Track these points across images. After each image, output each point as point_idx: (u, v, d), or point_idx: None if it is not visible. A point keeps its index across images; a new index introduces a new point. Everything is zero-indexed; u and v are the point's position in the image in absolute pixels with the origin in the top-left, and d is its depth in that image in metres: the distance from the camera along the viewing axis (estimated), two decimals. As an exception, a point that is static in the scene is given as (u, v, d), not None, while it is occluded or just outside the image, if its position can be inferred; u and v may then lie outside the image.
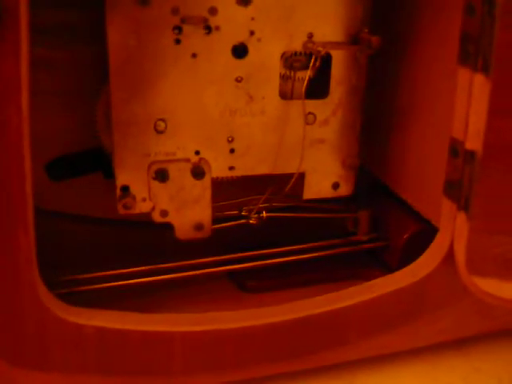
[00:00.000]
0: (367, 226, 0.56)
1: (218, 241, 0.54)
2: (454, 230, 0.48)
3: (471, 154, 0.46)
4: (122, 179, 0.48)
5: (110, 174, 0.50)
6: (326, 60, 0.50)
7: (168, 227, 0.51)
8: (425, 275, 0.50)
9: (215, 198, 0.51)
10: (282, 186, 0.52)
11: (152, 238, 0.55)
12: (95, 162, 0.52)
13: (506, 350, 0.57)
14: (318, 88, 0.51)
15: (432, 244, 0.51)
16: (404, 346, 0.54)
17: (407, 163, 0.56)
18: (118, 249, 0.55)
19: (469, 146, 0.46)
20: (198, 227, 0.51)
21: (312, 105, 0.51)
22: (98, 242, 0.55)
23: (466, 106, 0.46)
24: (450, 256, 0.50)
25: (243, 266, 0.55)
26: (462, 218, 0.48)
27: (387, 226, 0.57)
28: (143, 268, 0.52)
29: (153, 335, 0.46)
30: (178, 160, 0.49)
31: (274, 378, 0.51)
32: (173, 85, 0.47)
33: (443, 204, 0.50)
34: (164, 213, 0.50)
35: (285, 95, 0.50)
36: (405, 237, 0.55)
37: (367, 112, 0.55)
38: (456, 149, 0.48)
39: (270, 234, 0.56)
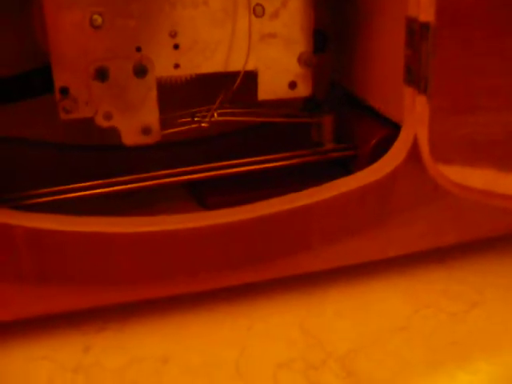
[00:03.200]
0: (331, 133, 0.53)
1: (175, 158, 0.52)
2: (416, 119, 0.45)
3: (426, 27, 0.43)
4: (60, 80, 0.46)
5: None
6: None
7: (122, 149, 0.49)
8: (389, 172, 0.46)
9: (168, 104, 0.49)
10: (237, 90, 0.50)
11: (105, 161, 0.53)
12: (43, 81, 0.49)
13: (489, 260, 0.53)
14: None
15: (396, 140, 0.47)
16: (375, 254, 0.50)
17: (370, 65, 0.53)
18: (72, 172, 0.52)
19: (422, 18, 0.43)
20: (146, 131, 0.48)
21: (260, -5, 0.48)
22: (49, 166, 0.53)
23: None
24: (414, 150, 0.46)
25: (199, 176, 0.51)
26: (422, 101, 0.44)
27: (354, 134, 0.54)
28: (96, 182, 0.49)
29: (90, 237, 0.43)
30: (119, 57, 0.46)
31: (231, 289, 0.48)
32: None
33: (404, 94, 0.46)
34: (108, 115, 0.47)
35: (230, -15, 0.48)
36: (372, 142, 0.52)
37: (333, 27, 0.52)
38: (411, 27, 0.44)
39: (231, 148, 0.53)
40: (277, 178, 0.54)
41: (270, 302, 0.48)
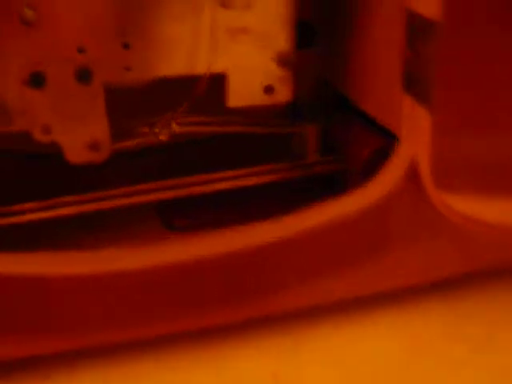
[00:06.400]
0: (316, 144, 0.45)
1: (137, 172, 0.45)
2: (415, 135, 0.37)
3: (428, 25, 0.35)
4: (-14, 87, 0.38)
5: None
6: None
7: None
8: (383, 195, 0.39)
9: (118, 110, 0.41)
10: (204, 96, 0.42)
11: (56, 172, 0.46)
12: None
13: (496, 295, 0.46)
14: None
15: (391, 156, 0.40)
16: (365, 289, 0.42)
17: (363, 67, 0.45)
18: (17, 183, 0.45)
19: (425, 14, 0.35)
20: (93, 147, 0.40)
21: (228, -17, 0.40)
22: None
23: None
24: (413, 170, 0.38)
25: (164, 195, 0.44)
26: (422, 114, 0.36)
27: (343, 143, 0.46)
28: (46, 203, 0.42)
29: (21, 279, 0.36)
30: (57, 60, 0.39)
31: (193, 334, 0.41)
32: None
33: (403, 103, 0.39)
34: (46, 129, 0.39)
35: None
36: (364, 155, 0.44)
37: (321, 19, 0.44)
38: (413, 24, 0.36)
39: (198, 161, 0.46)
40: (252, 195, 0.46)
41: (239, 347, 0.41)
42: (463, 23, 0.34)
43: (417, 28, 0.36)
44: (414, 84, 0.37)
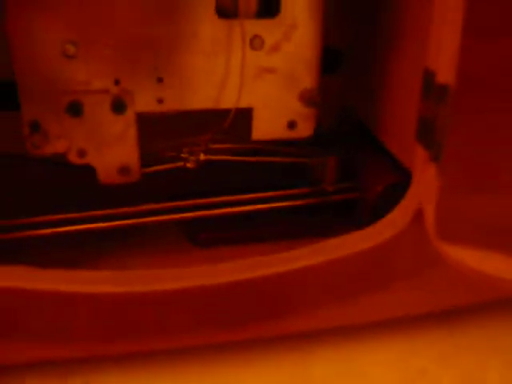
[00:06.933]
0: (334, 175, 0.47)
1: (161, 188, 0.47)
2: (424, 188, 0.39)
3: (444, 89, 0.36)
4: (28, 113, 0.41)
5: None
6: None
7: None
8: (389, 238, 0.41)
9: (148, 135, 0.44)
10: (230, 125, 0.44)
11: (83, 181, 0.49)
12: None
13: (494, 322, 0.48)
14: (266, 4, 0.42)
15: (402, 201, 0.42)
16: (370, 316, 0.45)
17: (386, 102, 0.47)
18: (45, 191, 0.48)
19: (441, 78, 0.36)
20: (124, 170, 0.43)
21: (259, 25, 0.42)
22: (21, 183, 0.48)
23: (439, 27, 0.36)
24: (419, 218, 0.40)
25: (193, 214, 0.47)
26: (432, 171, 0.38)
27: (360, 172, 0.48)
28: (74, 215, 0.46)
29: (48, 296, 0.39)
30: (94, 91, 0.41)
31: (212, 348, 0.44)
32: (82, -1, 0.39)
33: (415, 152, 0.40)
34: (82, 153, 0.42)
35: (225, 13, 0.41)
36: (378, 189, 0.46)
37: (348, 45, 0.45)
38: (429, 83, 0.38)
39: (224, 182, 0.49)
40: (271, 214, 0.49)
41: (248, 367, 0.45)
42: (478, 89, 0.35)
43: (432, 88, 0.37)
44: (427, 140, 0.38)
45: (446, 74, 0.36)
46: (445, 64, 0.36)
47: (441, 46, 0.36)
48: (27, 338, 0.40)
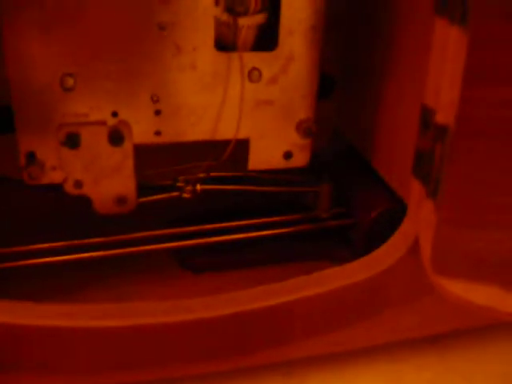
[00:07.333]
0: (328, 202, 0.48)
1: (153, 214, 0.47)
2: (420, 222, 0.40)
3: (443, 129, 0.37)
4: (25, 145, 0.41)
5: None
6: (274, 3, 0.41)
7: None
8: (384, 269, 0.42)
9: (144, 164, 0.44)
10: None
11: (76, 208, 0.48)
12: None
13: (483, 346, 0.49)
14: (264, 38, 0.42)
15: (396, 232, 0.43)
16: (362, 342, 0.46)
17: (381, 130, 0.47)
18: (35, 217, 0.48)
19: (440, 118, 0.37)
20: (120, 200, 0.43)
21: (257, 58, 0.42)
22: (12, 209, 0.48)
23: (440, 65, 0.37)
24: (415, 249, 0.41)
25: (186, 243, 0.47)
26: (429, 206, 0.39)
27: (355, 201, 0.49)
28: (66, 243, 0.45)
29: (46, 331, 0.39)
30: (92, 123, 0.41)
31: (204, 378, 0.45)
32: (81, 32, 0.39)
33: (411, 186, 0.41)
34: (78, 184, 0.42)
35: (224, 46, 0.41)
36: (372, 215, 0.47)
37: (341, 70, 0.46)
38: (427, 120, 0.39)
39: (217, 208, 0.49)
40: (264, 240, 0.49)
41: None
42: (478, 131, 0.36)
43: (430, 126, 0.38)
44: (424, 175, 0.39)
45: (445, 114, 0.36)
46: (445, 104, 0.36)
47: (440, 85, 0.36)
48: (24, 372, 0.40)
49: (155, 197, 0.44)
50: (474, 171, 0.37)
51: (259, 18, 0.41)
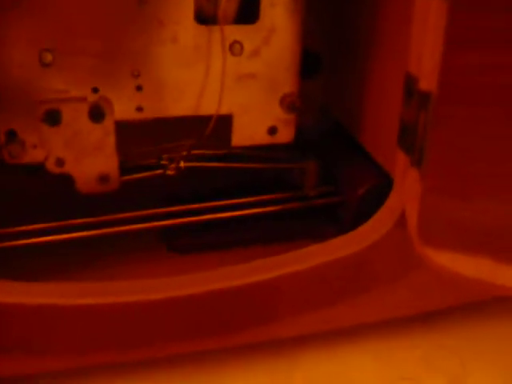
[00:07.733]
0: (315, 180, 0.47)
1: (141, 192, 0.47)
2: (406, 193, 0.40)
3: (426, 96, 0.36)
4: (4, 122, 0.40)
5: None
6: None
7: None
8: (371, 244, 0.41)
9: (127, 142, 0.43)
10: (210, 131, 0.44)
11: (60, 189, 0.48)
12: None
13: (475, 323, 0.49)
14: (245, 10, 0.41)
15: (384, 206, 0.42)
16: (352, 320, 0.45)
17: (367, 105, 0.47)
18: (21, 200, 0.47)
19: (423, 85, 0.36)
20: (103, 179, 0.43)
21: (238, 31, 0.41)
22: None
23: (422, 32, 0.36)
24: (402, 223, 0.41)
25: (173, 221, 0.46)
26: (414, 175, 0.38)
27: (342, 179, 0.48)
28: (51, 224, 0.45)
29: (29, 309, 0.39)
30: (72, 99, 0.40)
31: (192, 357, 0.44)
32: (57, 6, 0.38)
33: (397, 157, 0.41)
34: (60, 162, 0.42)
35: (204, 19, 0.41)
36: (360, 192, 0.46)
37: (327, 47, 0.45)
38: (411, 88, 0.38)
39: (202, 187, 0.48)
40: (251, 219, 0.49)
41: (230, 372, 0.44)
42: (461, 96, 0.36)
43: (414, 94, 0.38)
44: (408, 145, 0.39)
45: (428, 81, 0.36)
46: (427, 71, 0.36)
47: (423, 52, 0.36)
48: (15, 352, 0.40)
49: (139, 175, 0.44)
50: (457, 138, 0.36)
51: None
